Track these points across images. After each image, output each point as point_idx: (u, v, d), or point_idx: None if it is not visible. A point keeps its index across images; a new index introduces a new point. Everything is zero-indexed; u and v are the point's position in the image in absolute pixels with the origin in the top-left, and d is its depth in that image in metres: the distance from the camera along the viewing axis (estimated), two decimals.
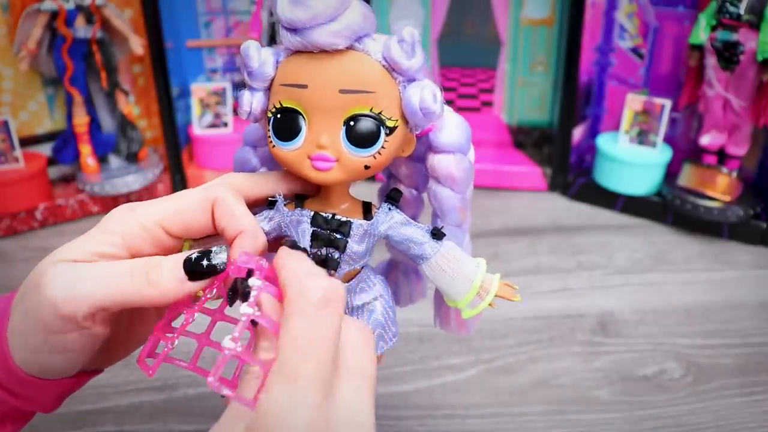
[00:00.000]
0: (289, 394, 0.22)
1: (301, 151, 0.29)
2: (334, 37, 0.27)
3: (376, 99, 0.28)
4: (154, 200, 0.30)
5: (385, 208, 0.32)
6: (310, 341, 0.23)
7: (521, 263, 0.69)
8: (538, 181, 0.87)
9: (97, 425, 0.47)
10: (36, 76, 0.83)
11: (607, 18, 0.82)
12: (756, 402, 0.50)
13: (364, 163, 0.29)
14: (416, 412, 0.48)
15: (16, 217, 0.76)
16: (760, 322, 0.59)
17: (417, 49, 0.28)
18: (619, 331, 0.58)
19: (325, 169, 0.29)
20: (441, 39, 0.91)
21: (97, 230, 0.29)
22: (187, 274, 0.27)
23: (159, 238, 0.29)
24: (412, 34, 0.28)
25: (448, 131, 0.31)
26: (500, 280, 0.33)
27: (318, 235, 0.31)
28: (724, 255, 0.71)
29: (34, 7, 0.76)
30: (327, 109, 0.28)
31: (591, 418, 0.48)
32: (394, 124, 0.29)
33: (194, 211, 0.30)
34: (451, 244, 0.33)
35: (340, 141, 0.29)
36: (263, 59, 0.29)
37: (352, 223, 0.31)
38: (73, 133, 0.82)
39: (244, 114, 0.31)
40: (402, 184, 0.35)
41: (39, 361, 0.28)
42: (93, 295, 0.26)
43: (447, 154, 0.31)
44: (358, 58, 0.28)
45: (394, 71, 0.29)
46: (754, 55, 0.69)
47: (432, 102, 0.28)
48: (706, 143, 0.76)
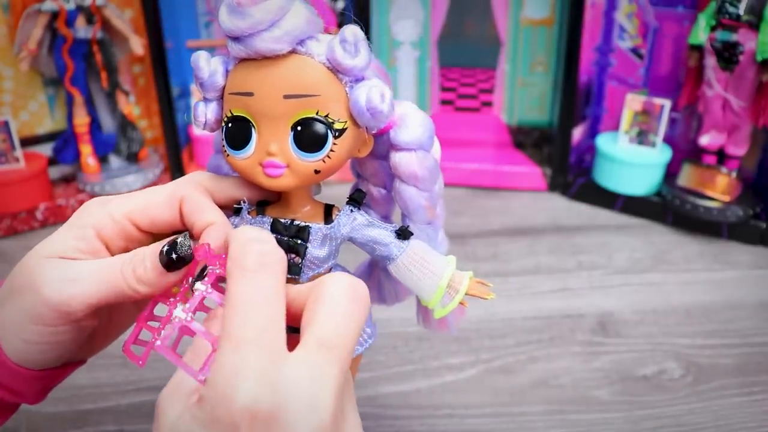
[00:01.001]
0: (233, 358, 0.22)
1: (253, 159, 0.29)
2: (275, 43, 0.27)
3: (322, 102, 0.28)
4: (125, 194, 0.31)
5: (346, 210, 0.32)
6: (250, 304, 0.23)
7: (521, 263, 0.69)
8: (537, 181, 0.87)
9: (98, 425, 0.47)
10: (36, 76, 0.83)
11: (606, 18, 0.83)
12: (756, 402, 0.50)
13: (314, 168, 0.29)
14: (416, 412, 0.48)
15: (16, 217, 0.76)
16: (760, 322, 0.59)
17: (361, 48, 0.28)
18: (619, 331, 0.58)
19: (276, 176, 0.29)
20: (441, 39, 0.91)
21: (73, 223, 0.30)
22: (164, 267, 0.28)
23: (128, 231, 0.30)
24: (354, 33, 0.27)
25: (409, 128, 0.31)
26: (472, 279, 0.33)
27: (278, 242, 0.30)
28: (724, 255, 0.71)
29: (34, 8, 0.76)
30: (274, 115, 0.28)
31: (591, 418, 0.48)
32: (342, 126, 0.29)
33: (161, 207, 0.30)
34: (419, 244, 0.32)
35: (288, 147, 0.28)
36: (213, 69, 0.29)
37: (311, 227, 0.31)
38: (73, 133, 0.82)
39: (199, 125, 0.31)
40: (370, 184, 0.35)
41: (30, 351, 0.29)
42: (89, 293, 0.28)
43: (408, 151, 0.31)
44: (300, 62, 0.28)
45: (338, 72, 0.28)
46: (754, 56, 0.69)
47: (379, 101, 0.28)
48: (705, 143, 0.76)
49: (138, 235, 0.31)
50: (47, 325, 0.28)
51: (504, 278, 0.66)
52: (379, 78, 0.30)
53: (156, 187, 0.31)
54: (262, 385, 0.22)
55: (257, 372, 0.22)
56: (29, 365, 0.29)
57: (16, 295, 0.29)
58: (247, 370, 0.22)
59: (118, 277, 0.28)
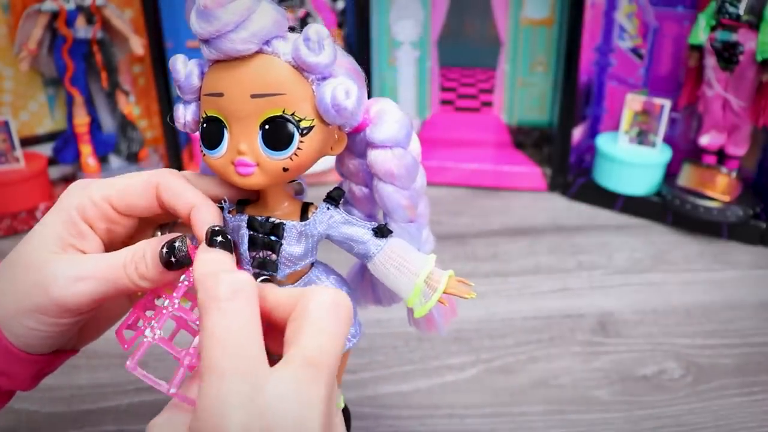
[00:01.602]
0: (217, 389, 0.23)
1: (226, 158, 0.30)
2: (241, 43, 0.27)
3: (288, 100, 0.28)
4: (107, 179, 0.32)
5: (323, 207, 0.32)
6: (227, 334, 0.24)
7: (521, 263, 0.69)
8: (537, 181, 0.87)
9: (98, 425, 0.47)
10: (36, 76, 0.83)
11: (606, 18, 0.83)
12: (756, 402, 0.50)
13: (282, 166, 0.29)
14: (416, 412, 0.48)
15: (16, 217, 0.76)
16: (760, 322, 0.59)
17: (325, 46, 0.28)
18: (619, 331, 0.58)
19: (247, 174, 0.29)
20: (441, 39, 0.91)
21: (59, 206, 0.31)
22: (164, 266, 0.29)
23: (108, 214, 0.31)
24: (318, 31, 0.28)
25: (385, 125, 0.31)
26: (452, 277, 0.32)
27: (254, 239, 0.31)
28: (724, 255, 0.71)
29: (34, 8, 0.76)
30: (242, 115, 0.29)
31: (591, 418, 0.48)
32: (309, 123, 0.29)
33: (137, 194, 0.31)
34: (398, 242, 0.32)
35: (257, 145, 0.29)
36: (189, 71, 0.30)
37: (285, 224, 0.31)
38: (73, 133, 0.82)
39: (180, 126, 0.32)
40: (352, 183, 0.35)
41: (29, 336, 0.30)
42: (94, 290, 0.29)
43: (384, 149, 0.31)
44: (266, 62, 0.28)
45: (304, 70, 0.29)
46: (754, 56, 0.69)
47: (343, 98, 0.28)
48: (705, 143, 0.76)
49: (118, 217, 0.32)
50: (51, 317, 0.29)
51: (504, 278, 0.66)
52: (351, 76, 0.30)
53: (135, 174, 0.32)
54: (250, 413, 0.22)
55: (244, 400, 0.22)
56: (28, 350, 0.30)
57: (20, 286, 0.29)
58: (233, 399, 0.22)
59: (121, 274, 0.29)
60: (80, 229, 0.31)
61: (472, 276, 0.66)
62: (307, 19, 0.85)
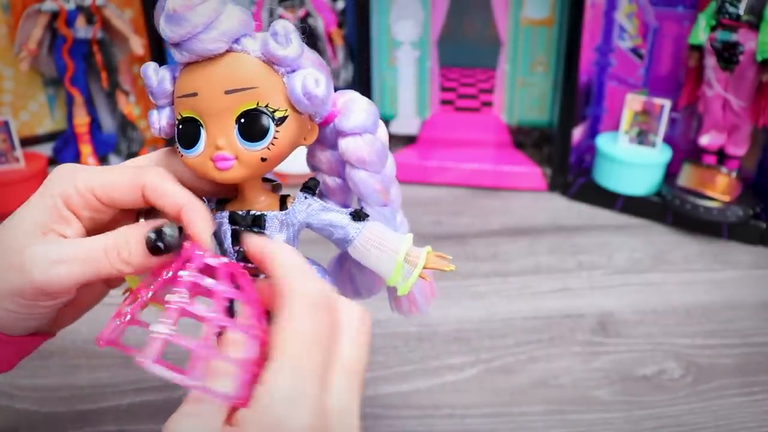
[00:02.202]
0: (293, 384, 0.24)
1: (204, 156, 0.31)
2: (211, 43, 0.29)
3: (261, 93, 0.30)
4: (94, 168, 0.32)
5: (300, 197, 0.33)
6: (315, 339, 0.25)
7: (521, 263, 0.69)
8: (537, 181, 0.87)
9: (98, 425, 0.47)
10: (37, 76, 0.83)
11: (606, 18, 0.83)
12: (755, 402, 0.50)
13: (261, 156, 0.30)
14: (416, 412, 0.48)
15: None
16: (760, 322, 0.59)
17: (292, 39, 0.29)
18: (619, 331, 0.58)
19: (226, 168, 0.30)
20: (441, 39, 0.91)
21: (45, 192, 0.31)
22: (149, 252, 0.30)
23: (92, 204, 0.31)
24: (284, 26, 0.29)
25: (353, 114, 0.32)
26: (431, 252, 0.34)
27: (237, 233, 0.32)
28: (724, 255, 0.71)
29: (34, 8, 0.76)
30: (217, 111, 0.30)
31: (591, 418, 0.48)
32: (282, 114, 0.30)
33: (123, 190, 0.31)
34: (375, 224, 0.33)
35: (235, 139, 0.30)
36: (161, 77, 0.31)
37: (266, 215, 0.32)
38: (73, 133, 0.82)
39: (155, 131, 0.33)
40: (324, 175, 0.36)
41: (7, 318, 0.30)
42: (74, 274, 0.29)
43: (354, 136, 0.33)
44: (237, 59, 0.30)
45: (274, 64, 0.30)
46: (754, 56, 0.69)
47: (314, 87, 0.30)
48: (705, 143, 0.76)
49: (102, 207, 0.32)
50: (29, 300, 0.30)
51: (504, 278, 0.66)
52: (317, 68, 0.31)
53: (121, 168, 0.32)
54: (318, 414, 0.24)
55: (313, 403, 0.24)
56: (5, 331, 0.31)
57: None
58: (304, 400, 0.24)
59: (102, 259, 0.30)
60: (63, 214, 0.31)
61: (472, 276, 0.66)
62: (307, 19, 0.85)
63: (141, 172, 0.32)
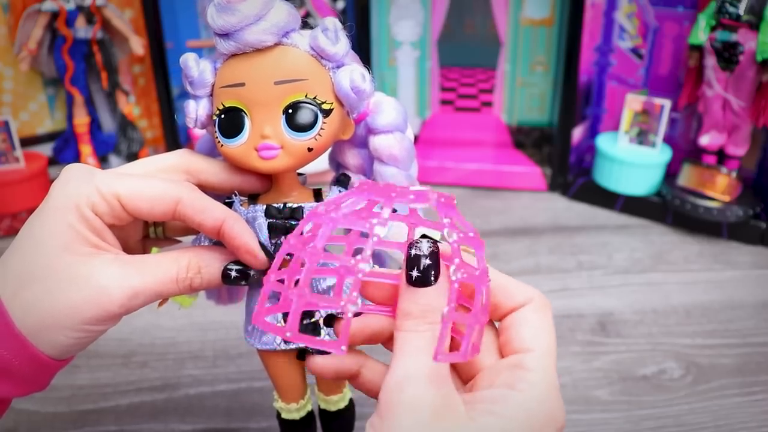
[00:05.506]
0: (552, 370, 0.28)
1: (248, 145, 0.31)
2: (263, 34, 0.29)
3: (310, 85, 0.30)
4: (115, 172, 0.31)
5: (335, 190, 0.34)
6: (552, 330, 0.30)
7: (521, 263, 0.69)
8: (538, 181, 0.87)
9: (98, 425, 0.47)
10: (37, 76, 0.83)
11: (606, 18, 0.83)
12: (755, 402, 0.50)
13: (307, 146, 0.31)
14: None
15: (16, 217, 0.76)
16: (760, 322, 0.59)
17: (341, 36, 0.30)
18: (619, 331, 0.58)
19: (271, 157, 0.31)
20: (441, 39, 0.91)
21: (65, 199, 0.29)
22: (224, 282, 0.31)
23: (117, 211, 0.29)
24: (334, 23, 0.30)
25: (384, 113, 0.33)
26: None
27: (274, 226, 0.32)
28: (724, 255, 0.71)
29: (34, 8, 0.76)
30: (265, 101, 0.30)
31: (591, 418, 0.48)
32: (329, 107, 0.31)
33: (153, 201, 0.30)
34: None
35: (281, 129, 0.31)
36: (202, 68, 0.32)
37: (304, 206, 0.32)
38: (73, 133, 0.82)
39: (191, 122, 0.33)
40: (350, 173, 0.37)
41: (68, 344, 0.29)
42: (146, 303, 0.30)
43: (386, 134, 0.34)
44: (287, 51, 0.30)
45: (322, 59, 0.31)
46: (754, 56, 0.69)
47: (361, 82, 0.30)
48: (705, 143, 0.76)
49: (124, 216, 0.30)
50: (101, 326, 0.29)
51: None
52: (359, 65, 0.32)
53: (146, 177, 0.30)
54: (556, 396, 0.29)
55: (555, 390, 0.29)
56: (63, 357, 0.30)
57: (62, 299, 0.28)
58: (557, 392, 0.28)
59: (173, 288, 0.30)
60: (95, 225, 0.29)
61: None
62: (307, 18, 0.85)
63: (175, 186, 0.30)
